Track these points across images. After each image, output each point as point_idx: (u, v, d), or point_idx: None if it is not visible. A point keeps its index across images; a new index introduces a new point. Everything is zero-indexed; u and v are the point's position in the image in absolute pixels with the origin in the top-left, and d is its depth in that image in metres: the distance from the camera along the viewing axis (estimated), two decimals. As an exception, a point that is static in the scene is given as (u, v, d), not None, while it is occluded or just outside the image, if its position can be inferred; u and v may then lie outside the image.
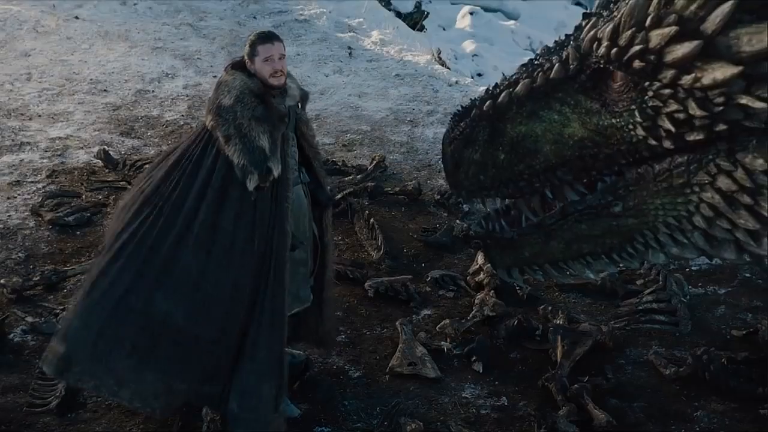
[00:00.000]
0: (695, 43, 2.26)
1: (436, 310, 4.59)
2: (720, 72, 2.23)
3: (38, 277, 4.65)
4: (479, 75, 9.79)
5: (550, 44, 2.82)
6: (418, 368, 4.04)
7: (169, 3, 9.57)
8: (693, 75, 2.29)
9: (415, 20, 10.53)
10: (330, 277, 3.88)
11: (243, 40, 8.58)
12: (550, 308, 4.49)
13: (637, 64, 2.40)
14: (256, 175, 3.31)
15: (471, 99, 2.96)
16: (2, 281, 4.59)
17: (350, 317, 4.49)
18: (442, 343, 4.26)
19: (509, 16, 12.37)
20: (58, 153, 6.32)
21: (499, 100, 2.72)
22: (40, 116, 6.96)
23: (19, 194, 5.67)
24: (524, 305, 4.60)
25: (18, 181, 5.86)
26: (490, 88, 2.84)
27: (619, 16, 2.45)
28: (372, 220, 5.35)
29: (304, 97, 3.65)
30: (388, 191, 5.87)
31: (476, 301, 4.53)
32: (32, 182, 5.85)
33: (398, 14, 10.50)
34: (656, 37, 2.34)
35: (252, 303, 3.44)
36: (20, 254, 4.97)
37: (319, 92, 7.60)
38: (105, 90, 7.55)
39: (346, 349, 4.23)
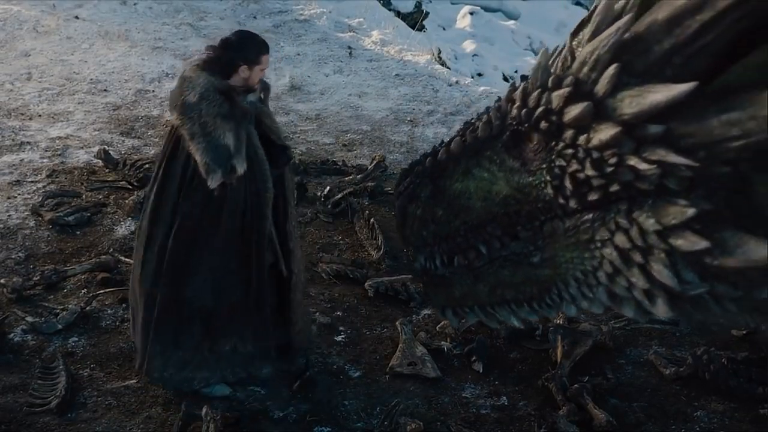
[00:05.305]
0: (585, 104, 2.34)
1: (436, 310, 4.59)
2: (605, 133, 2.30)
3: (38, 277, 4.65)
4: (479, 75, 9.80)
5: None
6: (418, 368, 4.04)
7: (169, 3, 9.56)
8: (586, 135, 2.37)
9: (415, 20, 10.53)
10: (298, 281, 3.85)
11: (243, 39, 8.68)
12: (550, 308, 4.49)
13: (543, 124, 2.48)
14: (219, 173, 3.33)
15: (422, 153, 3.01)
16: (2, 281, 4.58)
17: (350, 317, 4.49)
18: (442, 343, 4.26)
19: (509, 16, 12.38)
20: (58, 153, 6.31)
21: (439, 156, 2.80)
22: (40, 116, 6.96)
23: (19, 194, 5.67)
24: (524, 305, 4.60)
25: (18, 180, 5.86)
26: (436, 146, 2.92)
27: (530, 78, 2.56)
28: (372, 219, 5.35)
29: (266, 89, 3.63)
30: (388, 191, 5.86)
31: (476, 301, 4.53)
32: (32, 182, 5.85)
33: (398, 14, 10.50)
34: (556, 98, 2.42)
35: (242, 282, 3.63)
36: (20, 254, 4.97)
37: (319, 92, 7.61)
38: (105, 90, 7.55)
39: (346, 349, 4.23)
